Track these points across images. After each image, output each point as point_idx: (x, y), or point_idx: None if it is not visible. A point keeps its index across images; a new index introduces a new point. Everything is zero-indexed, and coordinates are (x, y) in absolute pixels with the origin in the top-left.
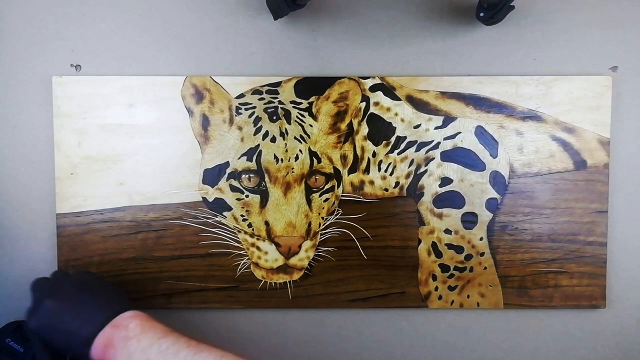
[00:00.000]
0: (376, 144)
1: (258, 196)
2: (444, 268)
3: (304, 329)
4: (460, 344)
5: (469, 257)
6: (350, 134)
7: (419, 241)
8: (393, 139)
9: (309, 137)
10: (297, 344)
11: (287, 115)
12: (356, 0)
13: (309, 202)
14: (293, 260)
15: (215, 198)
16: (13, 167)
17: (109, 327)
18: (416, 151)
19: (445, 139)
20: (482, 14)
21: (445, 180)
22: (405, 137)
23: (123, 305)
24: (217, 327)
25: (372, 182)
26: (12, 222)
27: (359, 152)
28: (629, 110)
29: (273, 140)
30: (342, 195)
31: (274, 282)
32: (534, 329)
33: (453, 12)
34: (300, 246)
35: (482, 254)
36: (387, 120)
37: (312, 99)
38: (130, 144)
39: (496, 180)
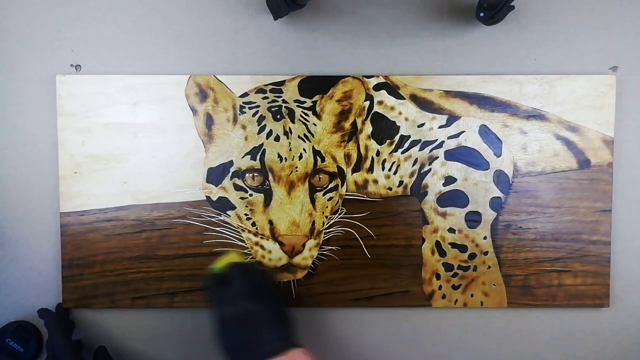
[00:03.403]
0: (380, 142)
1: (262, 195)
2: (448, 267)
3: (307, 327)
4: (464, 342)
5: (472, 256)
6: (354, 132)
7: (423, 240)
8: (397, 138)
9: (313, 136)
10: (300, 342)
11: (291, 114)
12: (356, 0)
13: (312, 201)
14: (297, 259)
15: (219, 197)
16: (16, 166)
17: (287, 355)
18: (420, 150)
19: (449, 137)
20: (482, 14)
21: (449, 179)
22: (409, 136)
23: (296, 339)
24: None
25: (375, 181)
26: (14, 221)
27: (362, 151)
28: (631, 110)
29: (277, 139)
30: (345, 194)
31: (278, 281)
32: (537, 328)
33: (453, 12)
34: (304, 245)
35: (485, 253)
36: (391, 119)
37: (316, 97)
38: (134, 142)
39: (500, 179)
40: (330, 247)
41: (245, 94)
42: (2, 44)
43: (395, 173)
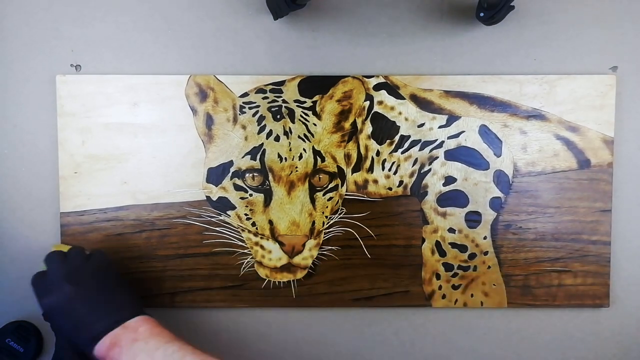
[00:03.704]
0: (380, 142)
1: (262, 195)
2: (448, 267)
3: (307, 327)
4: (464, 342)
5: (472, 256)
6: (354, 132)
7: (423, 240)
8: (397, 138)
9: (313, 136)
10: (300, 342)
11: (291, 114)
12: (356, 1)
13: (312, 201)
14: (297, 259)
15: (219, 197)
16: (16, 166)
17: (120, 327)
18: (420, 150)
19: (449, 137)
20: (482, 14)
21: (449, 179)
22: (409, 136)
23: (136, 309)
24: (221, 326)
25: (375, 181)
26: (14, 221)
27: (362, 151)
28: (631, 110)
29: (277, 139)
30: (345, 194)
31: (278, 281)
32: (537, 328)
33: (453, 12)
34: (304, 245)
35: (485, 253)
36: (391, 119)
37: (316, 97)
38: (134, 142)
39: (500, 179)
40: (330, 247)
41: (245, 94)
42: (1, 43)
43: (395, 173)
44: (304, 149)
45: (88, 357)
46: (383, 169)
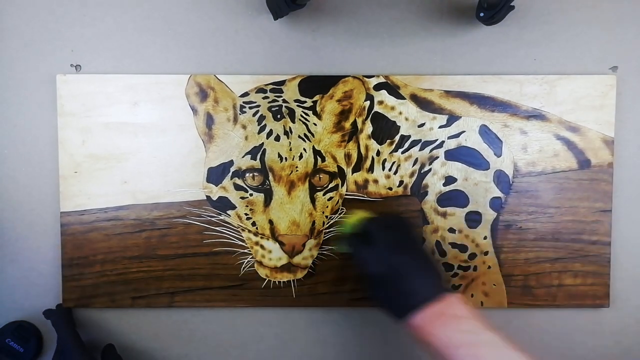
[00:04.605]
0: (380, 142)
1: (262, 195)
2: (448, 267)
3: (307, 327)
4: None
5: (472, 256)
6: (354, 132)
7: (423, 240)
8: (397, 138)
9: (313, 136)
10: (300, 342)
11: (291, 113)
12: (356, 0)
13: (312, 200)
14: (297, 259)
15: (219, 197)
16: (16, 166)
17: (442, 300)
18: (420, 150)
19: (449, 137)
20: (482, 14)
21: (449, 179)
22: (409, 136)
23: (447, 285)
24: (221, 325)
25: (376, 181)
26: (14, 221)
27: (363, 150)
28: (631, 110)
29: (277, 139)
30: (346, 194)
31: (278, 281)
32: (537, 328)
33: (453, 12)
34: (304, 245)
35: (486, 253)
36: (392, 119)
37: (316, 97)
38: (134, 142)
39: (500, 179)
40: (330, 247)
41: (245, 94)
42: (1, 43)
43: (395, 173)
44: (304, 149)
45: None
46: (383, 168)
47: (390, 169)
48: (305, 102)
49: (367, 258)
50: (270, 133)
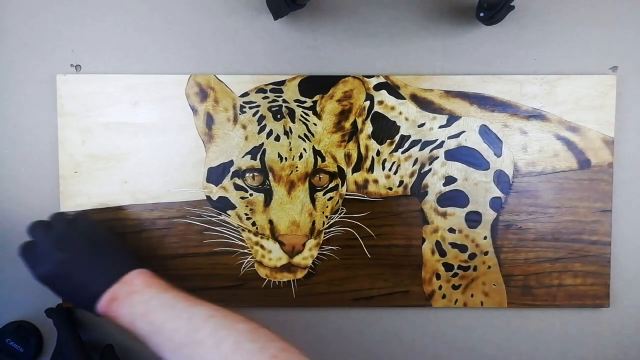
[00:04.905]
0: (380, 142)
1: (262, 195)
2: (448, 267)
3: (307, 327)
4: (464, 343)
5: (472, 256)
6: (354, 132)
7: (423, 240)
8: (397, 138)
9: (313, 136)
10: (300, 342)
11: (291, 113)
12: (356, 0)
13: (312, 200)
14: (297, 259)
15: (219, 197)
16: (16, 166)
17: (117, 283)
18: (420, 150)
19: (449, 137)
20: (482, 14)
21: (450, 179)
22: (409, 136)
23: (131, 263)
24: None
25: (376, 181)
26: (14, 221)
27: (363, 150)
28: (631, 110)
29: (277, 139)
30: (346, 194)
31: (278, 281)
32: (537, 328)
33: (453, 12)
34: (304, 245)
35: (486, 253)
36: (392, 119)
37: (316, 97)
38: (134, 142)
39: (500, 179)
40: (330, 247)
41: (245, 94)
42: (2, 43)
43: (395, 173)
44: (304, 149)
45: (86, 348)
46: (383, 168)
47: (390, 169)
48: (305, 102)
49: (31, 261)
50: (270, 133)
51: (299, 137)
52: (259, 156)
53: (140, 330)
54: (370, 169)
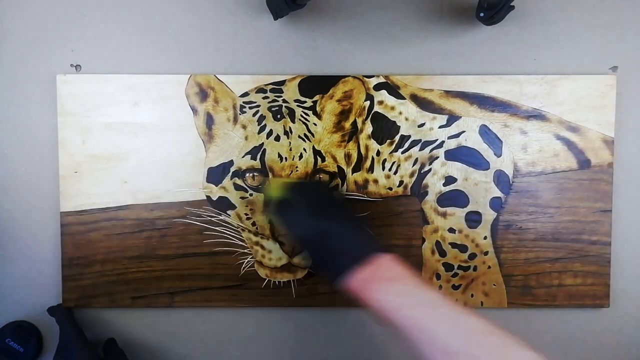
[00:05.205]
0: (380, 142)
1: (262, 195)
2: (448, 267)
3: (307, 327)
4: None
5: (472, 256)
6: (354, 132)
7: (423, 240)
8: (397, 138)
9: (313, 136)
10: (300, 342)
11: (291, 113)
12: (356, 1)
13: None
14: (297, 259)
15: (219, 197)
16: (16, 166)
17: (372, 263)
18: (420, 150)
19: (449, 137)
20: (482, 14)
21: (449, 179)
22: (409, 136)
23: (381, 245)
24: (221, 325)
25: (376, 181)
26: (14, 221)
27: (363, 150)
28: (631, 110)
29: (277, 139)
30: (346, 194)
31: (278, 281)
32: (537, 328)
33: (453, 12)
34: None
35: (486, 253)
36: (392, 119)
37: (316, 97)
38: (135, 142)
39: (500, 179)
40: None
41: (245, 94)
42: (2, 43)
43: (395, 173)
44: (304, 149)
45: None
46: (383, 168)
47: (390, 169)
48: (305, 102)
49: (290, 222)
50: (270, 133)
51: (299, 137)
52: (259, 156)
53: (398, 320)
54: (370, 169)
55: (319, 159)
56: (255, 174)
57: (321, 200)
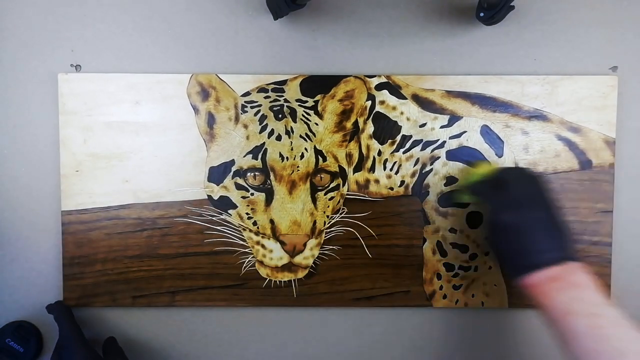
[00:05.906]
0: (382, 142)
1: (263, 194)
2: (449, 267)
3: (308, 327)
4: (465, 343)
5: (473, 256)
6: (355, 132)
7: (424, 240)
8: (399, 138)
9: (315, 136)
10: (300, 342)
11: (293, 113)
12: (356, 0)
13: (314, 200)
14: (298, 259)
15: (221, 196)
16: (17, 165)
17: (564, 265)
18: (422, 150)
19: (450, 138)
20: (482, 14)
21: (451, 179)
22: (410, 136)
23: (574, 252)
24: (222, 325)
25: (377, 181)
26: (15, 220)
27: (364, 150)
28: (633, 111)
29: (278, 138)
30: (347, 194)
31: (279, 281)
32: (538, 328)
33: (453, 12)
34: (305, 244)
35: (487, 254)
36: (393, 119)
37: (317, 97)
38: (136, 141)
39: None
40: (331, 247)
41: (247, 93)
42: (2, 43)
43: (396, 173)
44: (306, 149)
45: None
46: (384, 168)
47: (391, 169)
48: (306, 101)
49: (500, 205)
50: (271, 132)
51: (301, 136)
52: (260, 156)
53: (575, 326)
54: (372, 169)
55: (320, 159)
56: (256, 173)
57: (537, 193)
